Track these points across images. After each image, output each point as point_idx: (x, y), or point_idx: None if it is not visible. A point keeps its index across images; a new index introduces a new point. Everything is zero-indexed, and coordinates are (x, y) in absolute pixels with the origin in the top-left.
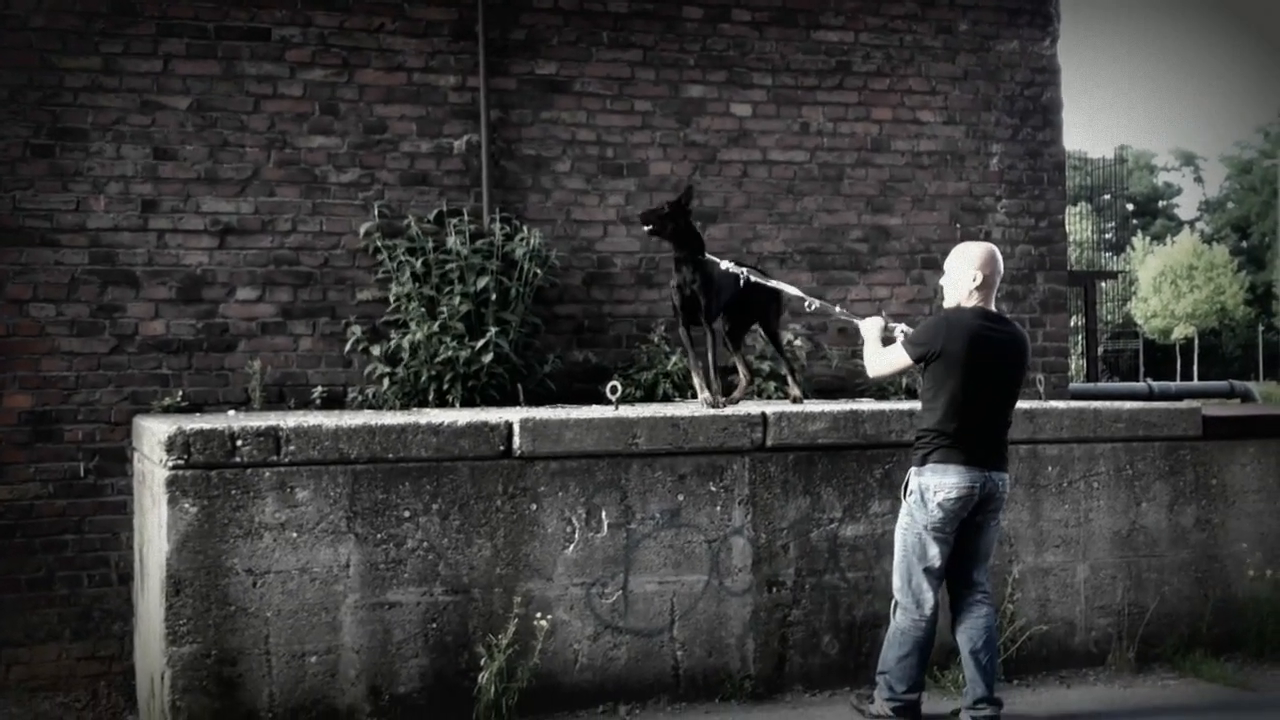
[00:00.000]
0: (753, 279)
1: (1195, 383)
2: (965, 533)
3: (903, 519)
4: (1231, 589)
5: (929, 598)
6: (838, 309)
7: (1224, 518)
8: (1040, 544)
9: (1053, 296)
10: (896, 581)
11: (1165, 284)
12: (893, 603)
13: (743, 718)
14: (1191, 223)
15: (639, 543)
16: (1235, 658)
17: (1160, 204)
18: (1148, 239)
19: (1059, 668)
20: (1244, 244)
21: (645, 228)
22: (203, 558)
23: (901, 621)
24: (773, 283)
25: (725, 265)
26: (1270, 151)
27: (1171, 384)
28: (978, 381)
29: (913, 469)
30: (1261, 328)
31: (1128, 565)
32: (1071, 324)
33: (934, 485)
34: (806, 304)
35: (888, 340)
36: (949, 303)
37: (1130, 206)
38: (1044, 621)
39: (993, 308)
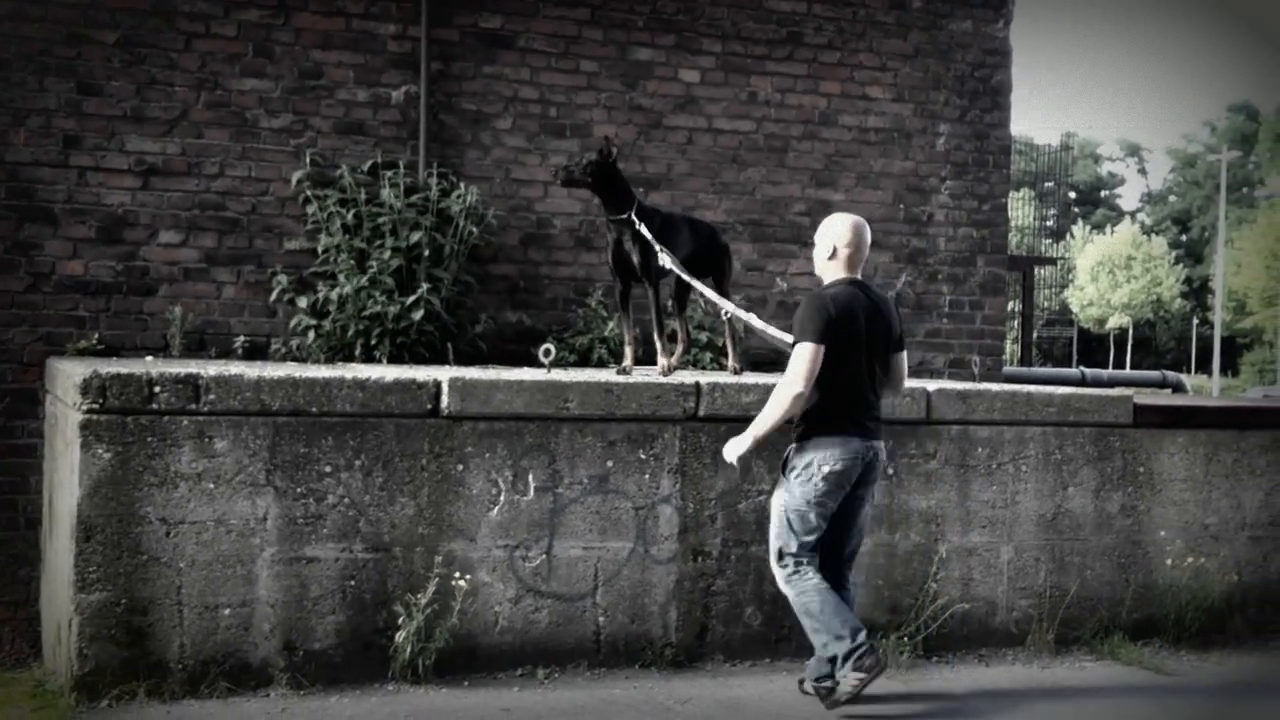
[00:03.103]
0: (668, 265)
1: (1128, 371)
2: (842, 508)
3: (780, 497)
4: (1153, 575)
5: (810, 570)
6: (759, 324)
7: (1149, 505)
8: (967, 524)
9: (992, 280)
10: (771, 560)
11: (1103, 273)
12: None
13: (663, 685)
14: (1133, 214)
15: (566, 507)
16: (1153, 643)
17: (1103, 193)
18: (1088, 228)
19: (979, 646)
20: (1184, 237)
21: (557, 181)
22: (115, 504)
23: (793, 591)
24: (694, 282)
25: (653, 240)
26: (1215, 146)
27: (1104, 371)
28: (850, 352)
29: (793, 445)
30: (1196, 321)
31: (1052, 548)
32: (1009, 308)
33: (818, 458)
34: (723, 313)
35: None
36: (818, 272)
37: (1073, 195)
38: (966, 600)
39: (859, 277)
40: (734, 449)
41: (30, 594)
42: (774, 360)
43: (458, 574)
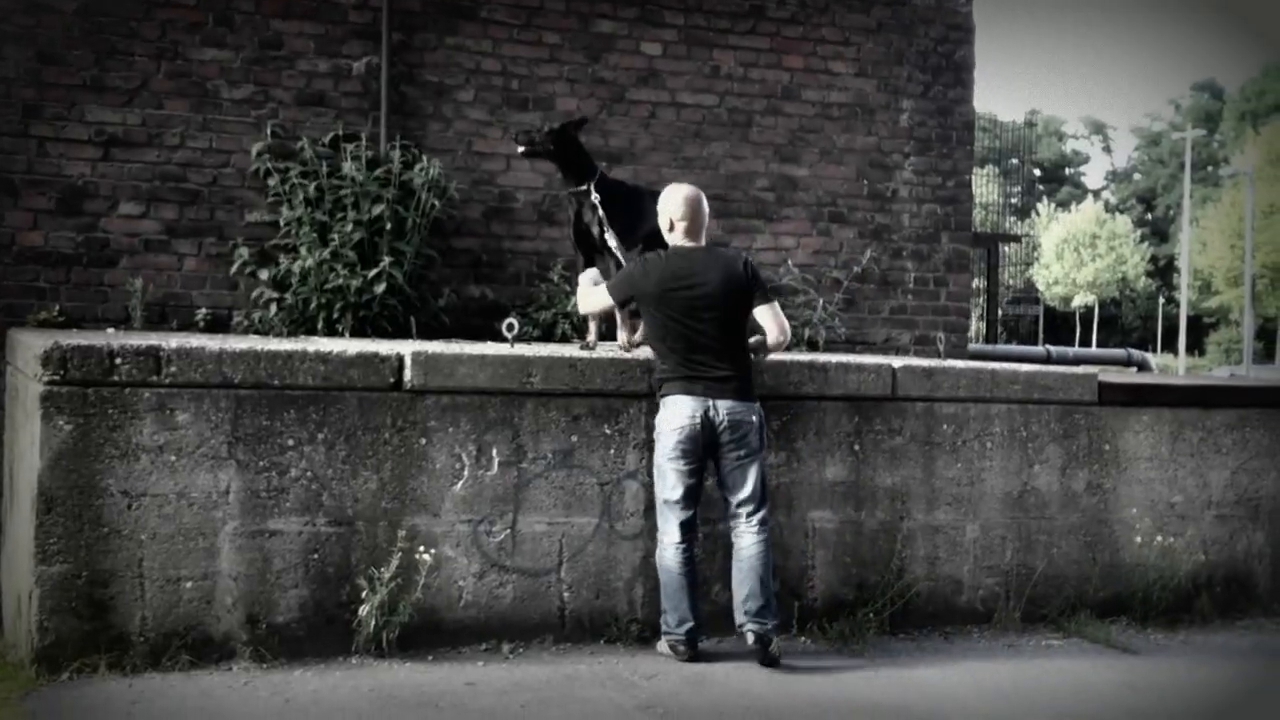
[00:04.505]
0: (612, 245)
1: (1093, 349)
2: (717, 467)
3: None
4: (1120, 554)
5: (672, 528)
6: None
7: (1115, 483)
8: (932, 502)
9: (956, 257)
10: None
11: (1068, 251)
12: None
13: (628, 661)
14: (1097, 192)
15: (530, 482)
16: (1120, 621)
17: (1067, 171)
18: (1053, 205)
19: (944, 624)
20: (1149, 215)
21: (519, 148)
22: (76, 476)
23: (657, 552)
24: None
25: (603, 215)
26: (1180, 124)
27: (1069, 349)
28: (684, 315)
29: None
30: (1162, 300)
31: (1018, 526)
32: (974, 286)
33: (662, 419)
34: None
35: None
36: (667, 239)
37: (1038, 172)
38: (931, 579)
39: (701, 243)
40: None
41: None
42: None
43: (421, 548)
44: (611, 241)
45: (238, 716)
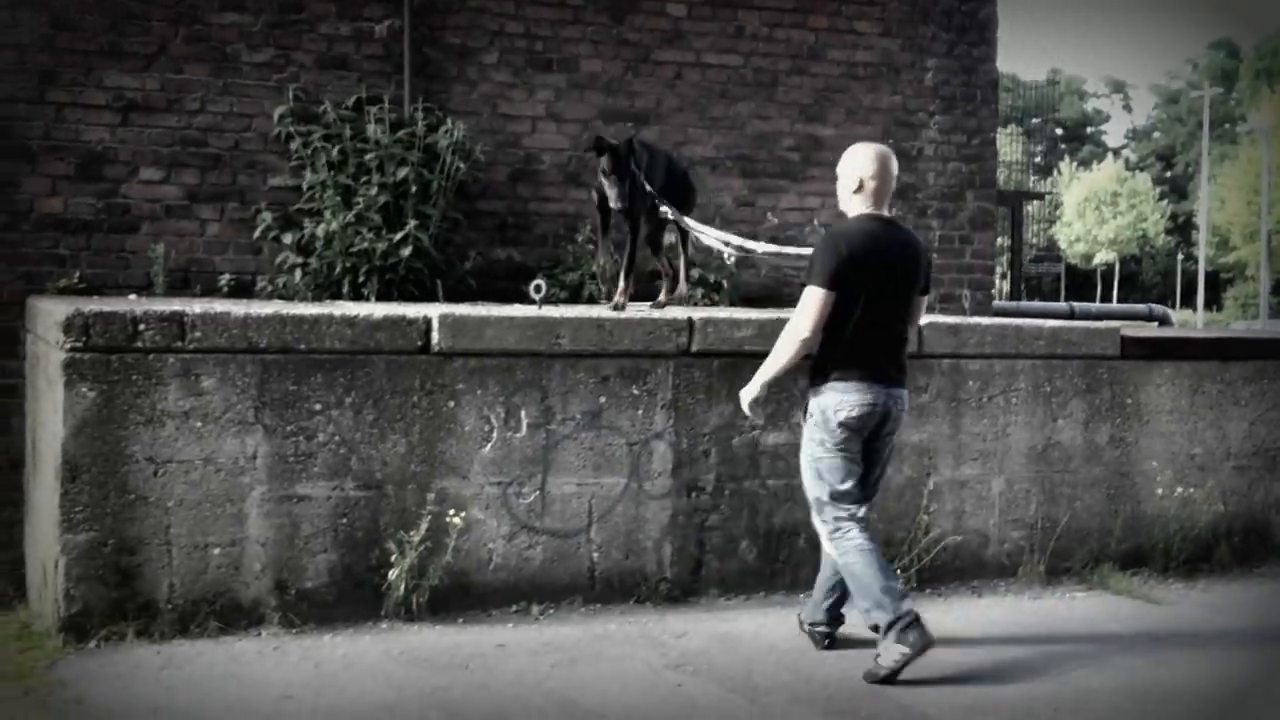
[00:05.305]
0: (669, 215)
1: (1115, 305)
2: (862, 456)
3: (805, 446)
4: (1141, 506)
5: (851, 528)
6: (759, 248)
7: (1137, 436)
8: (958, 457)
9: (981, 214)
10: (813, 515)
11: (1089, 209)
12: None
13: (657, 620)
14: (1118, 150)
15: (559, 443)
16: (1142, 572)
17: (1089, 130)
18: (1075, 164)
19: (971, 578)
20: (1168, 173)
21: (599, 155)
22: (101, 444)
23: (836, 550)
24: (698, 226)
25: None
26: (1198, 83)
27: (1092, 305)
28: (866, 295)
29: (810, 390)
30: (1180, 257)
31: (1042, 480)
32: (998, 243)
33: (832, 404)
34: (726, 255)
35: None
36: (842, 207)
37: (1060, 131)
38: (959, 533)
39: (885, 212)
40: (746, 395)
41: (14, 537)
42: (767, 295)
43: (451, 511)
44: (669, 212)
45: (268, 681)
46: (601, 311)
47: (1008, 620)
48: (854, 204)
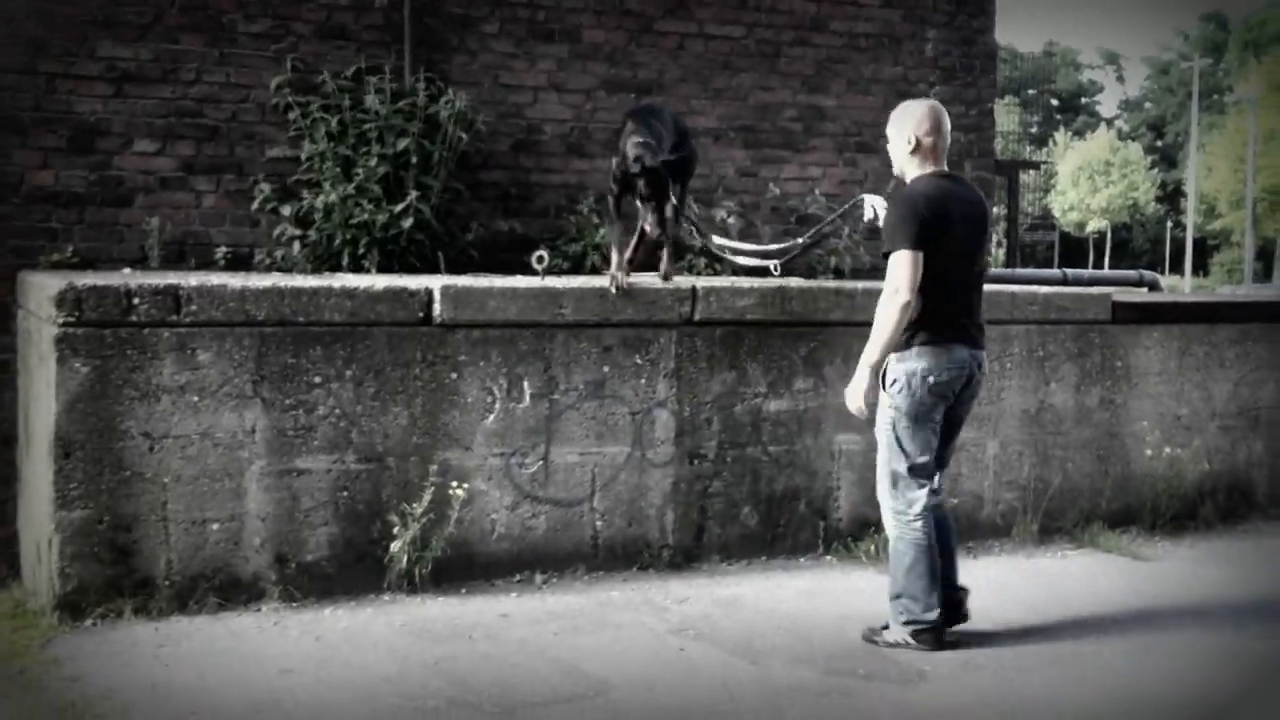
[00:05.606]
0: (698, 240)
1: (1107, 271)
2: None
3: (883, 414)
4: (1130, 466)
5: (919, 496)
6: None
7: (1126, 398)
8: None
9: (979, 184)
10: (880, 488)
11: (1083, 178)
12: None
13: (660, 586)
14: (1110, 120)
15: (562, 413)
16: (1130, 530)
17: (1083, 100)
18: (1069, 134)
19: (967, 539)
20: (1159, 143)
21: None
22: (95, 420)
23: (895, 530)
24: (732, 245)
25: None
26: (1188, 54)
27: (1084, 271)
28: (946, 253)
29: (893, 355)
30: (1170, 224)
31: (1035, 442)
32: (995, 212)
33: (921, 368)
34: (773, 267)
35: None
36: (897, 171)
37: (1055, 102)
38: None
39: (947, 169)
40: (855, 395)
41: (6, 514)
42: (766, 269)
43: (454, 483)
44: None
45: (268, 655)
46: (604, 282)
47: (1002, 579)
48: (913, 165)
